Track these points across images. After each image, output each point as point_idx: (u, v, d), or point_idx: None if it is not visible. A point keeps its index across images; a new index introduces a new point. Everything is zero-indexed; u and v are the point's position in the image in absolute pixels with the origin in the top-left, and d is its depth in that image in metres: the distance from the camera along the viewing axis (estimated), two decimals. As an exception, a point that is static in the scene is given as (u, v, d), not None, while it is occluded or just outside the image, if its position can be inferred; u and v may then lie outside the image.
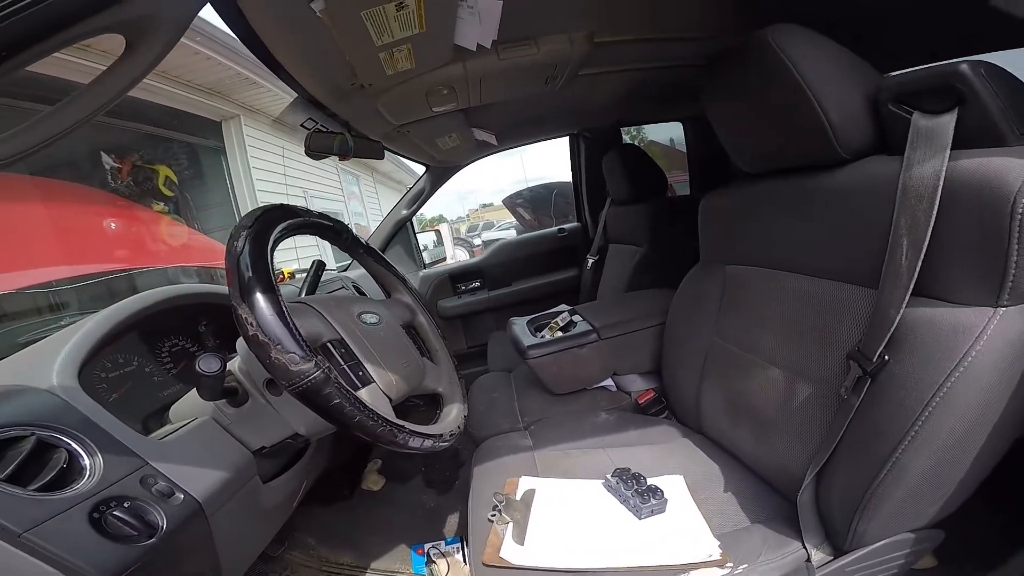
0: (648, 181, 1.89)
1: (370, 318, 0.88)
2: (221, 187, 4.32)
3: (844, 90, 0.75)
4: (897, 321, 0.65)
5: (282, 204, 0.79)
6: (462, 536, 1.41)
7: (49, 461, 0.64)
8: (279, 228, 0.74)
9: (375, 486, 1.72)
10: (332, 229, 0.93)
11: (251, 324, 0.62)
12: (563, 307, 1.54)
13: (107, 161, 3.09)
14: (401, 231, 2.43)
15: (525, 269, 2.53)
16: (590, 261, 2.24)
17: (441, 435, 0.82)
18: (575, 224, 2.61)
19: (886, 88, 0.73)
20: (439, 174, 2.31)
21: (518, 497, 0.95)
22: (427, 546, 1.38)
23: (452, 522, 1.53)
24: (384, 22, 0.76)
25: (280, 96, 4.33)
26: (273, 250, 0.72)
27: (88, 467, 0.66)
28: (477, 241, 10.27)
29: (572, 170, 2.55)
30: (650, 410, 1.28)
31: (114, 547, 0.62)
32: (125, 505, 0.64)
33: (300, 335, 0.64)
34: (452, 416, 0.93)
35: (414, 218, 2.46)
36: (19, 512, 0.58)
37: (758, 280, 0.98)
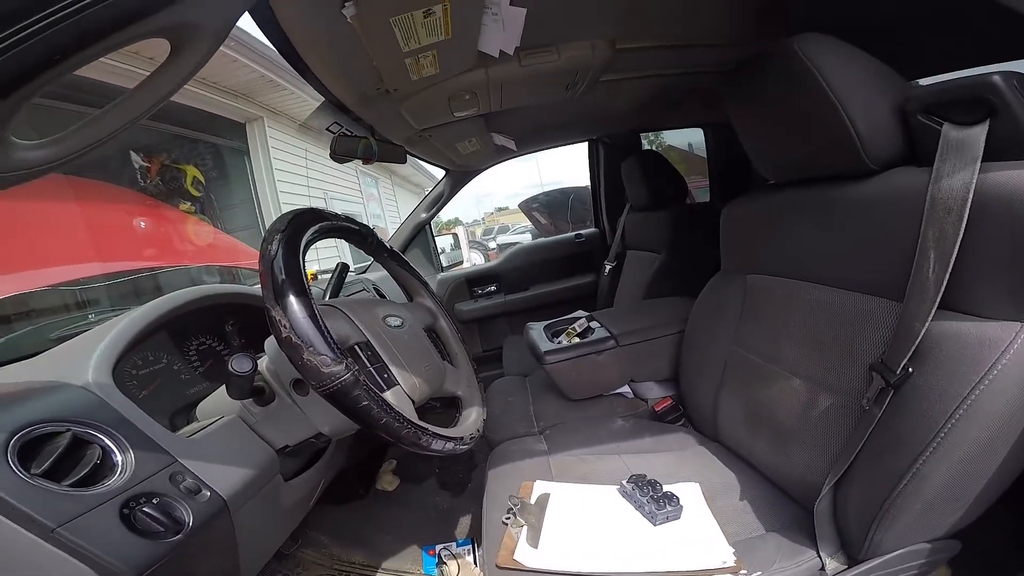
0: (668, 188, 1.89)
1: (394, 321, 0.89)
2: (244, 187, 4.40)
3: (872, 100, 0.75)
4: (922, 334, 0.65)
5: (312, 208, 0.81)
6: (474, 538, 1.41)
7: (83, 457, 0.65)
8: (310, 232, 0.76)
9: (390, 486, 1.73)
10: (359, 233, 0.95)
11: (284, 326, 0.64)
12: (581, 313, 1.55)
13: (136, 160, 3.18)
14: (420, 234, 2.46)
15: (542, 274, 2.53)
16: (608, 267, 2.23)
17: (462, 438, 0.83)
18: (593, 230, 2.60)
19: (915, 98, 0.72)
20: (458, 178, 2.34)
21: (532, 501, 0.96)
22: (438, 547, 1.38)
23: (464, 524, 1.54)
24: (412, 28, 0.78)
25: (303, 99, 4.41)
26: (305, 253, 0.73)
27: (120, 463, 0.68)
28: (492, 244, 10.30)
29: (591, 175, 2.55)
30: (667, 417, 1.27)
31: (142, 543, 0.63)
32: (154, 501, 0.66)
33: (332, 338, 0.65)
34: (472, 419, 0.94)
35: (433, 221, 2.48)
36: (53, 507, 0.59)
37: (780, 290, 0.97)
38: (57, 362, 0.83)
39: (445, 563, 1.34)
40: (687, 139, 3.32)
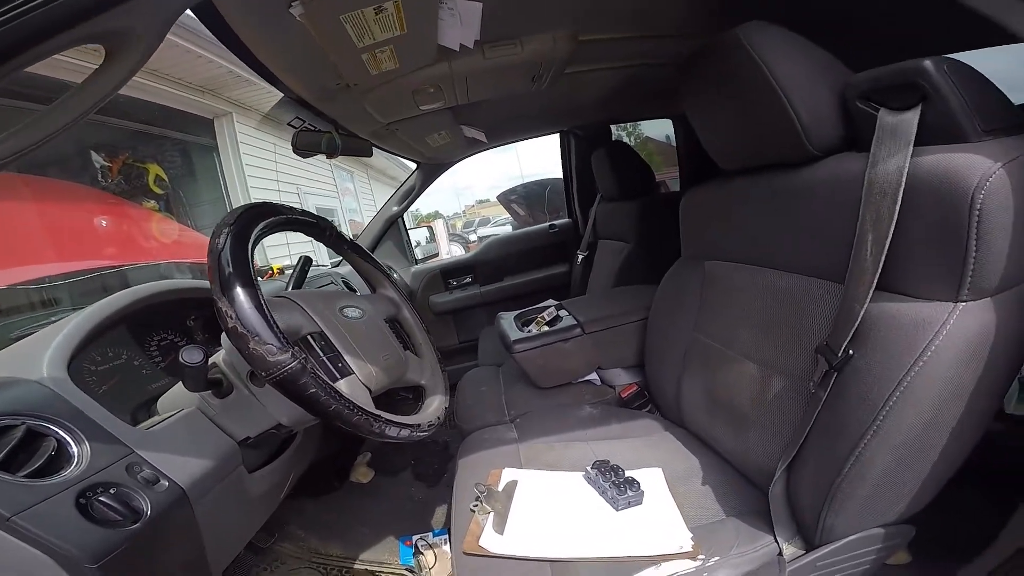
0: (636, 178, 1.91)
1: (352, 312, 0.90)
2: (214, 184, 4.31)
3: (814, 88, 0.76)
4: (861, 316, 0.67)
5: (264, 202, 0.81)
6: (449, 528, 1.43)
7: (38, 449, 0.66)
8: (260, 225, 0.76)
9: (364, 478, 1.74)
10: (316, 226, 0.95)
11: (231, 317, 0.65)
12: (550, 302, 1.56)
13: (97, 160, 3.09)
14: (393, 227, 2.44)
15: (516, 265, 2.55)
16: (580, 257, 2.26)
17: (419, 425, 0.84)
18: (566, 220, 2.63)
19: (854, 85, 0.74)
20: (430, 171, 2.33)
21: (500, 488, 0.97)
22: (415, 538, 1.40)
23: (440, 514, 1.55)
24: (364, 25, 0.78)
25: (273, 93, 4.29)
26: (254, 247, 0.73)
27: (76, 455, 0.68)
28: (473, 237, 10.27)
29: (563, 167, 2.57)
30: (633, 404, 1.30)
31: (100, 531, 0.64)
32: (111, 491, 0.66)
33: (278, 327, 0.66)
34: (433, 407, 0.95)
35: (409, 214, 2.47)
36: (8, 497, 0.60)
37: (735, 276, 0.99)
38: (12, 358, 0.82)
39: (422, 553, 1.35)
40: (664, 131, 3.36)
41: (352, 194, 8.29)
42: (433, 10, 0.83)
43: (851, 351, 0.68)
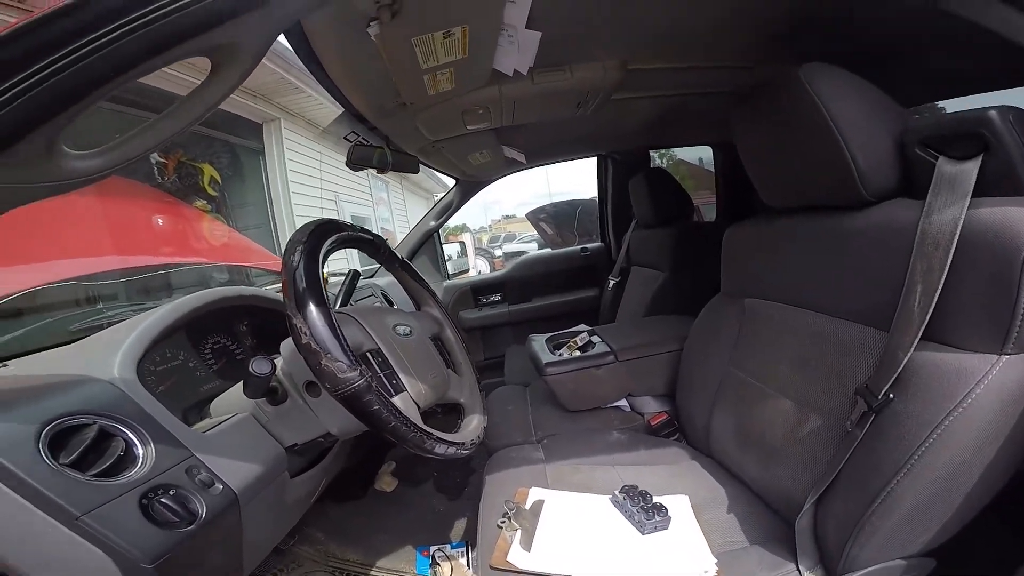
0: (674, 206, 1.92)
1: (403, 329, 0.92)
2: (257, 187, 4.46)
3: (872, 133, 0.77)
4: (904, 363, 0.67)
5: (331, 219, 0.84)
6: (468, 541, 1.43)
7: (107, 449, 0.68)
8: (329, 242, 0.79)
9: (388, 487, 1.75)
10: (372, 243, 0.98)
11: (305, 333, 0.67)
12: (583, 327, 1.57)
13: (153, 156, 3.23)
14: (428, 241, 2.49)
15: (546, 286, 2.56)
16: (611, 282, 2.26)
17: (463, 443, 0.86)
18: (598, 244, 2.64)
19: (914, 130, 0.74)
20: (468, 188, 2.38)
21: (528, 506, 0.98)
22: (433, 548, 1.40)
23: (460, 527, 1.55)
24: (431, 47, 0.82)
25: (320, 102, 4.47)
26: (324, 263, 0.77)
27: (141, 456, 0.70)
28: (498, 252, 10.32)
29: (599, 190, 2.59)
30: (661, 432, 1.29)
31: (159, 532, 0.66)
32: (171, 493, 0.69)
33: (348, 345, 0.69)
34: (473, 426, 0.96)
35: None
36: (78, 496, 0.62)
37: (776, 315, 0.99)
38: (84, 356, 0.86)
39: (439, 564, 1.35)
40: (697, 154, 3.35)
41: (386, 204, 8.50)
42: (494, 37, 0.87)
43: (891, 395, 0.69)
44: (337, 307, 0.95)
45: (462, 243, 3.07)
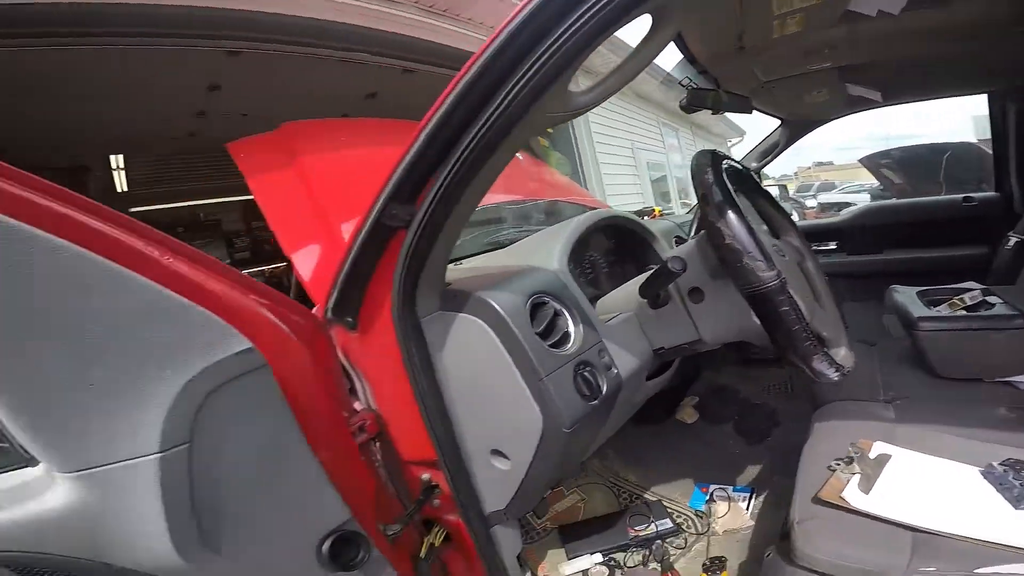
0: None
1: (778, 250, 0.94)
2: (565, 137, 4.99)
3: None
4: None
5: (714, 150, 0.91)
6: (755, 488, 1.40)
7: (556, 324, 0.81)
8: (724, 166, 0.86)
9: (689, 419, 1.79)
10: (742, 173, 1.01)
11: (728, 235, 0.74)
12: (973, 284, 1.30)
13: None
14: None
15: (904, 238, 2.13)
16: (1012, 240, 1.71)
17: (843, 367, 0.83)
18: (990, 194, 2.04)
19: None
20: (796, 129, 2.12)
21: (871, 456, 0.91)
22: (712, 487, 1.41)
23: (750, 472, 1.52)
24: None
25: (608, 57, 4.58)
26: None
27: (574, 334, 0.83)
28: (811, 203, 8.72)
29: (993, 131, 2.00)
30: None
31: (579, 401, 0.76)
32: (588, 369, 0.80)
33: (765, 249, 0.75)
34: (844, 353, 0.92)
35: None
36: (543, 360, 0.74)
37: None
38: (528, 252, 1.09)
39: (716, 502, 1.36)
40: None
41: (677, 150, 8.23)
42: None
43: None
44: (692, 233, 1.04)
45: (783, 186, 2.77)
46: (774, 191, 2.63)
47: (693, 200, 2.37)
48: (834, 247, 2.26)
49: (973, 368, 1.15)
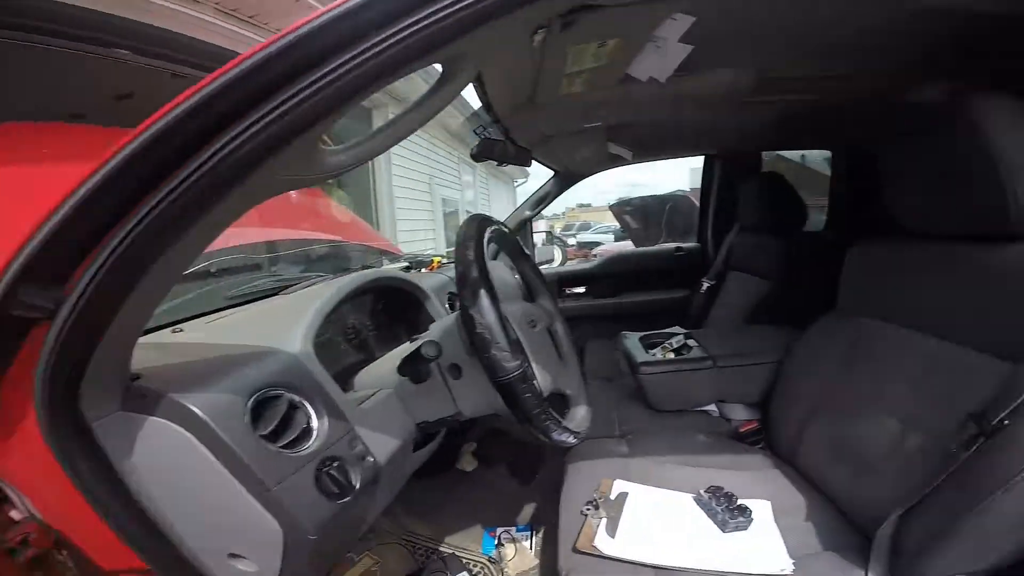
0: (787, 214, 1.82)
1: (531, 321, 0.97)
2: (362, 171, 4.69)
3: None
4: None
5: (485, 215, 0.91)
6: (534, 526, 1.47)
7: (292, 420, 0.71)
8: (487, 235, 0.85)
9: (468, 467, 1.79)
10: (507, 236, 1.03)
11: (480, 324, 0.73)
12: (677, 329, 1.57)
13: None
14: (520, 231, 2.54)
15: (634, 283, 2.53)
16: (705, 285, 2.19)
17: (578, 432, 0.89)
18: (694, 244, 2.57)
19: None
20: (566, 180, 2.38)
21: (612, 497, 1.02)
22: (499, 530, 1.45)
23: (528, 511, 1.58)
24: (582, 55, 0.85)
25: (423, 90, 4.66)
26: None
27: (316, 429, 0.73)
28: (572, 241, 10.14)
29: (702, 189, 2.52)
30: (747, 439, 1.29)
31: (324, 503, 0.68)
32: (335, 464, 0.72)
33: (511, 337, 0.75)
34: (581, 416, 0.99)
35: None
36: (273, 467, 0.63)
37: (892, 336, 0.98)
38: (265, 325, 0.93)
39: (504, 545, 1.40)
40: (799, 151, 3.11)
41: (472, 186, 8.74)
42: (641, 46, 0.87)
43: (1006, 421, 0.68)
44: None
45: (548, 232, 3.10)
46: (541, 236, 2.92)
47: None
48: (583, 291, 2.57)
49: (680, 401, 1.39)
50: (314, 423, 0.74)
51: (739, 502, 0.95)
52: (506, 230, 1.02)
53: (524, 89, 1.05)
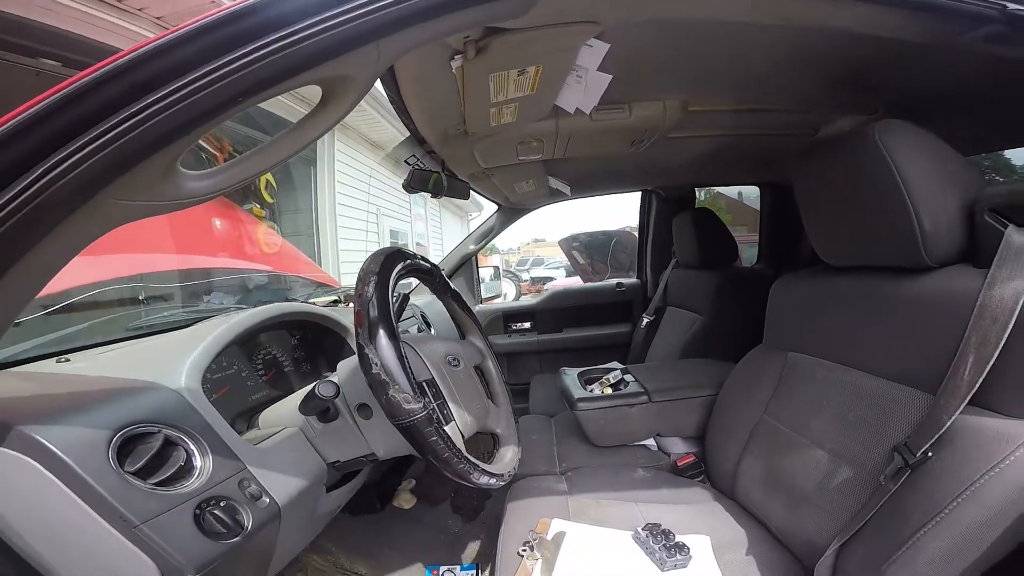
0: (718, 249, 1.90)
1: (452, 360, 0.94)
2: (305, 195, 4.60)
3: (943, 197, 0.75)
4: (947, 426, 0.67)
5: (397, 248, 0.87)
6: (479, 564, 1.41)
7: (169, 458, 0.68)
8: (395, 271, 0.82)
9: (406, 504, 1.74)
10: (430, 272, 1.01)
11: (376, 364, 0.70)
12: (615, 364, 1.57)
13: (206, 151, 3.06)
14: (466, 264, 2.52)
15: (577, 318, 2.55)
16: (645, 321, 2.24)
17: (502, 475, 0.87)
18: (634, 280, 2.63)
19: (986, 198, 0.73)
20: (509, 215, 2.42)
21: (549, 537, 0.98)
22: (442, 568, 1.39)
23: (472, 549, 1.53)
24: (504, 83, 0.87)
25: (374, 118, 4.63)
26: (393, 291, 0.79)
27: (199, 467, 0.71)
28: (525, 276, 10.29)
29: (640, 225, 2.59)
30: (686, 473, 1.28)
31: (206, 543, 0.66)
32: (222, 504, 0.69)
33: (413, 378, 0.71)
34: (508, 457, 0.97)
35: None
36: (139, 505, 0.62)
37: (818, 370, 0.99)
38: (150, 360, 0.87)
39: None
40: (737, 187, 3.28)
41: (422, 219, 8.69)
42: (564, 76, 0.91)
43: (930, 453, 0.69)
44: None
45: (496, 268, 3.10)
46: (488, 271, 2.91)
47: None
48: (528, 327, 2.57)
49: (618, 437, 1.37)
50: (196, 461, 0.71)
51: (677, 539, 0.93)
52: (428, 265, 0.99)
53: (453, 119, 1.05)
